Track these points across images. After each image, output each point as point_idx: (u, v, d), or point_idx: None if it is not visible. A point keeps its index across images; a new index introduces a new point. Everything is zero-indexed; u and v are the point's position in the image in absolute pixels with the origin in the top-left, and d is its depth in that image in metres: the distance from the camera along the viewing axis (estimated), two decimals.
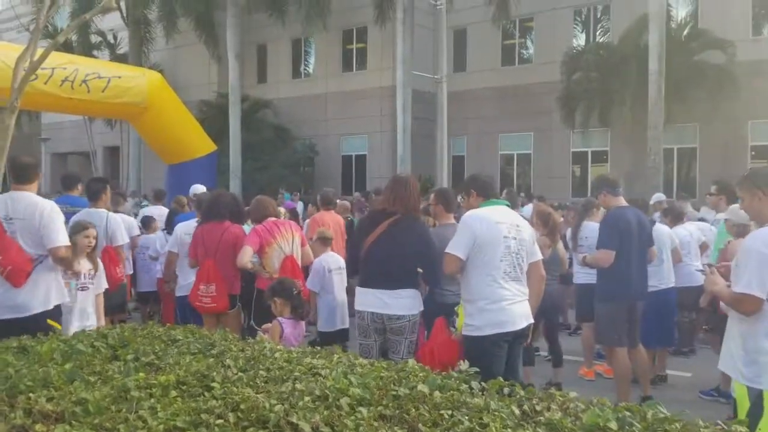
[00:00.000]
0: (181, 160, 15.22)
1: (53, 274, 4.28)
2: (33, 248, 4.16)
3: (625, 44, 18.82)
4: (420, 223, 4.83)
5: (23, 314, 4.13)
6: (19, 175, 4.23)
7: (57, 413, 1.93)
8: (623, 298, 5.47)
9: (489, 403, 2.02)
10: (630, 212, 5.56)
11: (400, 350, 4.51)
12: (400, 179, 4.81)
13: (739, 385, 3.34)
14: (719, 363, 3.56)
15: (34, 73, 3.78)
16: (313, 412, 1.90)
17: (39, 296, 4.18)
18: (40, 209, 4.18)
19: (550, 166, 22.15)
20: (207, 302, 5.71)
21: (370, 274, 4.60)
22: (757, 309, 3.20)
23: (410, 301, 4.54)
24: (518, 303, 4.16)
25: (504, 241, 4.09)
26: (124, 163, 28.59)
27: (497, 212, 4.21)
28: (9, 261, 4.06)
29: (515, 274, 4.16)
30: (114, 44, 27.78)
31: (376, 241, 4.54)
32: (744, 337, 3.30)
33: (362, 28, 24.06)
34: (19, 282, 4.11)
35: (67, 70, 12.52)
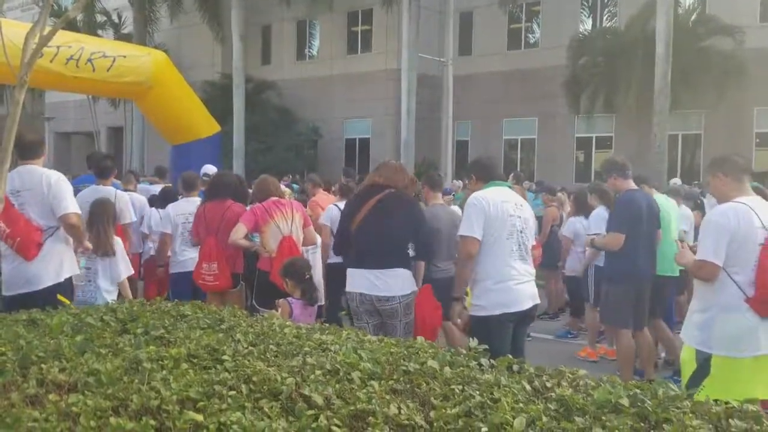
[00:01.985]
0: (185, 140, 15.16)
1: (64, 246, 4.29)
2: (42, 219, 4.19)
3: (631, 30, 18.70)
4: (409, 198, 4.69)
5: (36, 287, 4.15)
6: (25, 152, 4.23)
7: (69, 383, 1.94)
8: (632, 279, 5.48)
9: (499, 379, 2.03)
10: (640, 195, 5.61)
11: (396, 333, 4.28)
12: (387, 162, 4.75)
13: (689, 348, 3.63)
14: (682, 330, 3.81)
15: (42, 49, 3.75)
16: (325, 385, 1.91)
17: (51, 269, 4.20)
18: (47, 178, 4.20)
19: (554, 152, 22.10)
20: (210, 280, 5.72)
21: (358, 254, 4.46)
22: (714, 275, 3.51)
23: (401, 281, 4.36)
24: (525, 283, 4.17)
25: (510, 219, 4.13)
26: (127, 143, 28.55)
27: (500, 192, 4.25)
28: (18, 233, 4.08)
29: (521, 253, 4.17)
30: (118, 24, 27.67)
31: (364, 219, 4.39)
32: (703, 305, 3.60)
33: (368, 10, 23.91)
34: (30, 253, 4.13)
35: (73, 49, 12.43)
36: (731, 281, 3.50)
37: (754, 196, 3.68)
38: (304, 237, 5.77)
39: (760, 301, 3.45)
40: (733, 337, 3.48)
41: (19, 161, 4.23)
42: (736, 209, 3.54)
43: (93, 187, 6.31)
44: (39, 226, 4.16)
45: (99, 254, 4.76)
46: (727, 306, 3.51)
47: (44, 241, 4.16)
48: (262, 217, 5.54)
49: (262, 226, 5.54)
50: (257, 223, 5.54)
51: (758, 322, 3.47)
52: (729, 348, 3.48)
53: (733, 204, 3.58)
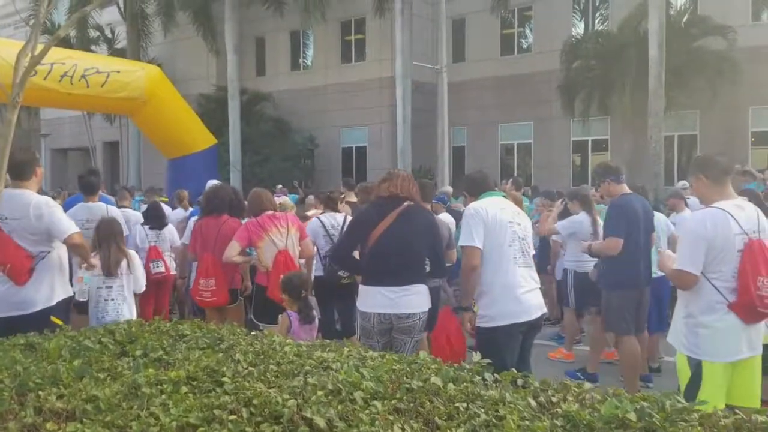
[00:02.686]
0: (181, 154, 15.19)
1: (56, 270, 4.24)
2: (31, 246, 4.11)
3: (624, 32, 18.73)
4: (428, 212, 4.64)
5: (26, 311, 4.09)
6: (15, 173, 4.17)
7: (68, 411, 1.91)
8: (634, 285, 5.46)
9: (504, 395, 2.01)
10: (635, 199, 5.59)
11: (405, 350, 4.11)
12: (398, 173, 4.47)
13: (680, 355, 3.62)
14: (668, 336, 3.81)
15: (35, 66, 3.73)
16: (327, 406, 1.88)
17: (42, 293, 4.14)
18: (36, 209, 4.10)
19: (551, 156, 22.11)
20: (207, 296, 5.69)
21: (377, 271, 4.16)
22: (691, 284, 3.52)
23: (421, 298, 4.18)
24: (532, 291, 4.12)
25: (510, 226, 4.10)
26: (124, 158, 28.51)
27: (495, 202, 4.24)
28: (7, 259, 4.03)
29: (524, 260, 4.13)
30: (112, 39, 27.64)
31: (385, 233, 4.11)
32: (688, 311, 3.59)
33: (360, 19, 23.95)
34: (20, 280, 4.07)
35: (66, 66, 12.46)
36: (712, 287, 3.49)
37: (735, 198, 3.66)
38: (300, 250, 5.73)
39: (742, 307, 3.44)
40: (718, 343, 3.48)
41: (10, 181, 4.17)
42: (714, 216, 3.51)
43: (81, 205, 6.24)
44: (29, 252, 4.10)
45: (109, 274, 4.73)
46: (710, 312, 3.50)
47: (35, 266, 4.10)
48: (256, 233, 5.50)
49: (256, 242, 5.50)
50: (251, 239, 5.50)
51: (741, 327, 3.47)
52: (714, 354, 3.48)
53: (710, 210, 3.56)
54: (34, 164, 4.26)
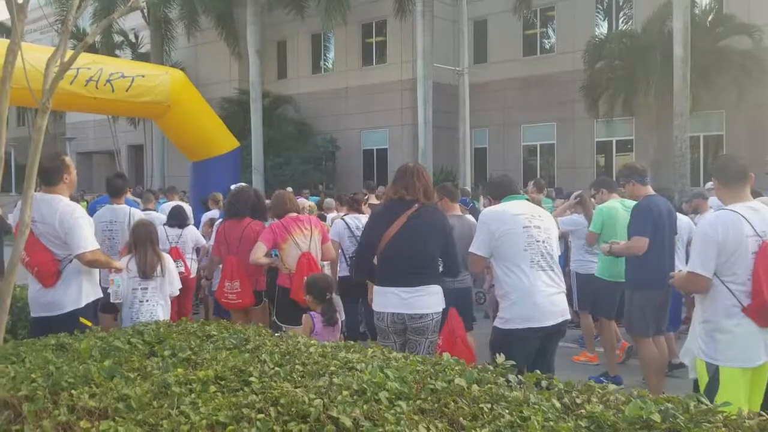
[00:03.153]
0: (204, 157, 15.29)
1: (84, 273, 4.32)
2: (59, 249, 4.19)
3: (648, 32, 18.56)
4: (440, 213, 4.60)
5: (55, 312, 4.18)
6: (43, 179, 4.25)
7: (100, 410, 1.95)
8: (659, 285, 5.41)
9: (528, 396, 2.01)
10: (660, 200, 5.56)
11: (419, 351, 4.12)
12: (409, 168, 4.45)
13: (699, 360, 3.59)
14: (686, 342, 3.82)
15: (64, 73, 3.81)
16: (353, 406, 1.90)
17: (70, 295, 4.22)
18: (60, 215, 4.16)
19: (574, 157, 21.96)
20: (232, 298, 5.75)
21: (390, 271, 4.22)
22: (703, 287, 3.52)
23: (434, 298, 4.23)
24: (552, 296, 4.02)
25: (525, 231, 4.04)
26: (148, 161, 28.88)
27: (514, 205, 4.19)
28: (36, 262, 4.12)
29: (545, 263, 4.05)
30: (136, 43, 28.06)
31: (396, 235, 4.18)
32: (705, 316, 3.58)
33: (381, 21, 24.01)
34: (48, 282, 4.16)
35: (92, 70, 12.60)
36: (727, 290, 3.47)
37: (751, 200, 3.63)
38: (322, 253, 5.78)
39: (756, 311, 3.40)
40: (736, 348, 3.45)
41: (42, 188, 4.26)
42: (725, 219, 3.49)
43: (108, 207, 6.38)
44: (57, 255, 4.18)
45: (144, 276, 4.81)
46: (727, 316, 3.47)
47: (63, 269, 4.18)
48: (281, 235, 5.56)
49: (281, 244, 5.56)
50: (276, 241, 5.56)
51: (758, 331, 3.43)
52: (732, 359, 3.45)
53: (722, 213, 3.56)
54: (62, 171, 4.31)
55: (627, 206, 6.12)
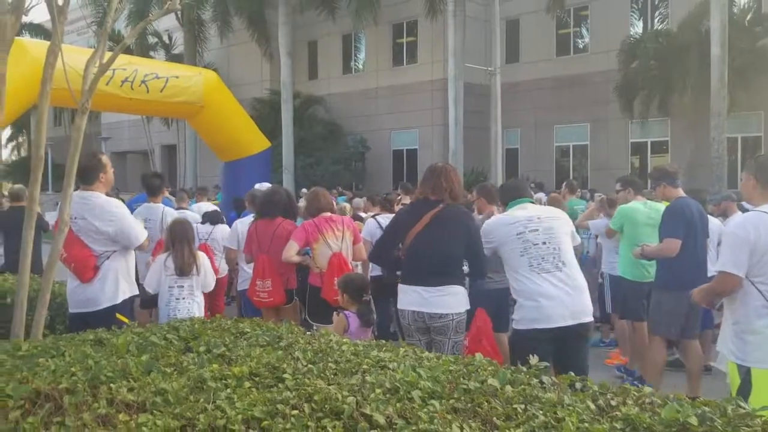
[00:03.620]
0: (236, 157, 15.47)
1: (121, 269, 4.41)
2: (97, 245, 4.29)
3: (685, 31, 18.26)
4: (466, 213, 4.57)
5: (92, 308, 4.27)
6: (80, 177, 4.35)
7: (138, 403, 1.99)
8: (688, 288, 5.33)
9: (562, 397, 2.00)
10: (692, 202, 5.50)
11: (443, 351, 4.12)
12: (437, 167, 4.49)
13: (731, 363, 3.56)
14: (717, 344, 3.80)
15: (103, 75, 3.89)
16: (386, 404, 1.91)
17: (107, 291, 4.31)
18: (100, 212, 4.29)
19: (608, 158, 21.68)
20: (264, 297, 5.79)
21: (413, 271, 4.29)
22: (733, 286, 3.49)
23: (456, 299, 4.24)
24: (561, 298, 3.99)
25: (519, 237, 4.09)
26: (180, 160, 29.30)
27: (510, 213, 4.29)
28: (73, 258, 4.21)
29: (548, 264, 4.04)
30: (169, 45, 28.47)
31: (419, 235, 4.23)
32: (735, 318, 3.56)
33: (412, 21, 24.01)
34: (85, 277, 4.26)
35: (127, 71, 12.84)
36: (757, 291, 3.44)
37: None
38: (353, 253, 5.81)
39: None
40: (765, 348, 3.42)
41: (80, 186, 4.36)
42: (756, 220, 3.47)
43: (145, 205, 6.55)
44: (94, 251, 4.27)
45: (181, 273, 4.88)
46: (758, 317, 3.44)
47: (100, 265, 4.27)
48: (313, 234, 5.60)
49: (312, 243, 5.60)
50: (308, 240, 5.60)
51: None
52: (763, 359, 3.42)
53: (752, 214, 3.55)
54: (99, 170, 4.42)
55: (650, 208, 6.13)
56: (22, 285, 3.52)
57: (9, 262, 7.14)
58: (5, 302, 4.56)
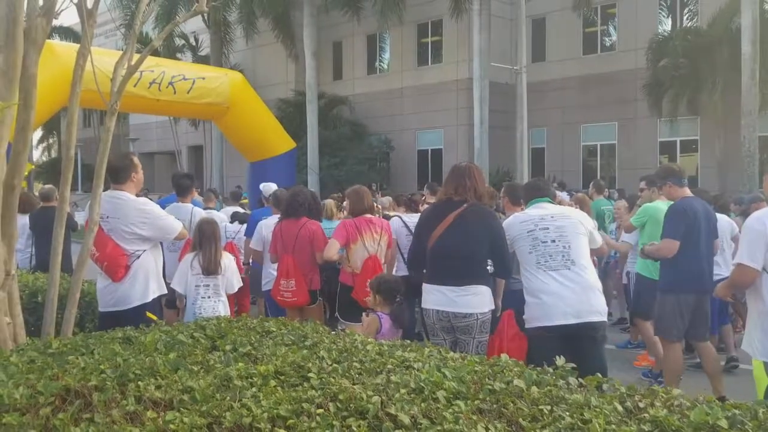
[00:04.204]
0: (262, 157, 15.58)
1: (151, 268, 4.46)
2: (127, 244, 4.35)
3: (715, 28, 17.99)
4: (489, 213, 4.55)
5: (123, 307, 4.34)
6: (112, 177, 4.43)
7: (165, 401, 2.01)
8: (691, 289, 5.26)
9: (589, 399, 1.98)
10: (697, 203, 5.40)
11: (468, 350, 4.14)
12: (461, 167, 4.47)
13: (757, 362, 3.54)
14: (742, 344, 3.78)
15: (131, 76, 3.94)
16: (411, 404, 1.91)
17: (137, 290, 4.37)
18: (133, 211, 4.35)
19: (636, 158, 21.40)
20: (288, 296, 5.82)
21: (436, 270, 4.31)
22: (750, 278, 3.52)
23: (479, 299, 4.22)
24: (564, 296, 4.00)
25: (529, 234, 4.21)
26: (207, 161, 29.59)
27: (526, 212, 4.42)
28: (104, 257, 4.27)
29: (555, 263, 4.09)
30: (196, 46, 28.78)
31: (442, 235, 4.24)
32: (760, 316, 3.53)
33: (437, 20, 23.95)
34: (117, 276, 4.32)
35: (155, 73, 13.00)
36: None
37: None
38: (386, 257, 5.86)
39: None
40: None
41: (111, 186, 4.43)
42: None
43: (174, 205, 6.61)
44: (125, 250, 4.33)
45: (208, 273, 4.92)
46: None
47: (131, 264, 4.33)
48: (353, 234, 5.63)
49: (350, 244, 5.64)
50: (348, 239, 5.63)
51: None
52: None
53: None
54: (130, 169, 4.49)
55: None
56: (52, 284, 3.59)
57: (40, 262, 7.27)
58: (36, 301, 4.64)
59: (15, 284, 3.42)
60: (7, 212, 3.30)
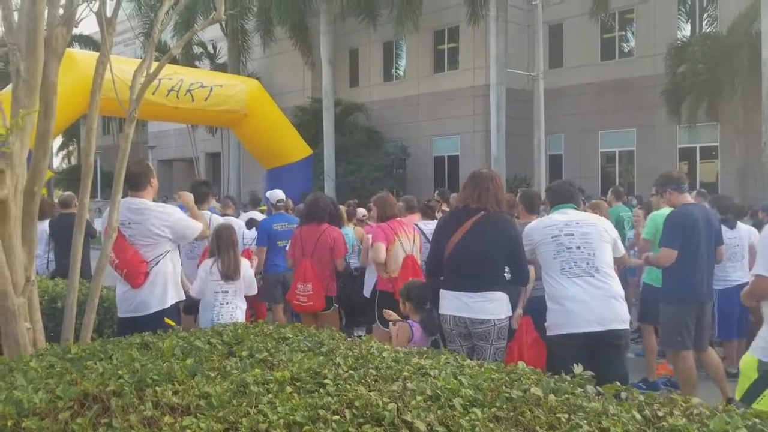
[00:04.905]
0: (279, 164, 15.70)
1: (170, 274, 4.50)
2: (147, 251, 4.39)
3: (734, 33, 17.81)
4: (507, 220, 4.52)
5: (142, 313, 4.37)
6: (131, 183, 4.47)
7: (182, 406, 2.02)
8: (692, 299, 5.21)
9: (607, 407, 1.96)
10: (696, 209, 5.34)
11: (485, 357, 4.16)
12: (480, 174, 4.48)
13: (751, 358, 3.48)
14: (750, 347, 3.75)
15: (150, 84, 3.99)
16: (427, 411, 1.90)
17: (156, 296, 4.41)
18: (155, 217, 4.40)
19: (655, 164, 21.13)
20: (304, 301, 5.84)
21: (453, 277, 4.30)
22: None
23: (496, 305, 4.21)
24: (588, 303, 3.97)
25: (554, 240, 4.18)
26: (224, 168, 29.78)
27: (551, 217, 4.37)
28: (125, 264, 4.31)
29: (580, 270, 4.05)
30: (214, 54, 29.02)
31: (460, 241, 4.24)
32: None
33: (454, 27, 23.95)
34: (136, 283, 4.36)
35: (173, 81, 13.15)
36: None
37: None
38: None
39: None
40: None
41: (129, 192, 4.47)
42: None
43: None
44: (144, 257, 4.37)
45: (227, 278, 4.95)
46: None
47: (150, 270, 4.37)
48: (391, 236, 5.70)
49: (389, 245, 5.68)
50: (388, 241, 5.69)
51: None
52: None
53: None
54: (149, 175, 4.55)
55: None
56: (71, 289, 3.62)
57: (59, 268, 7.35)
58: (56, 306, 4.69)
59: (35, 290, 3.46)
60: (28, 218, 3.34)
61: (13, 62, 3.22)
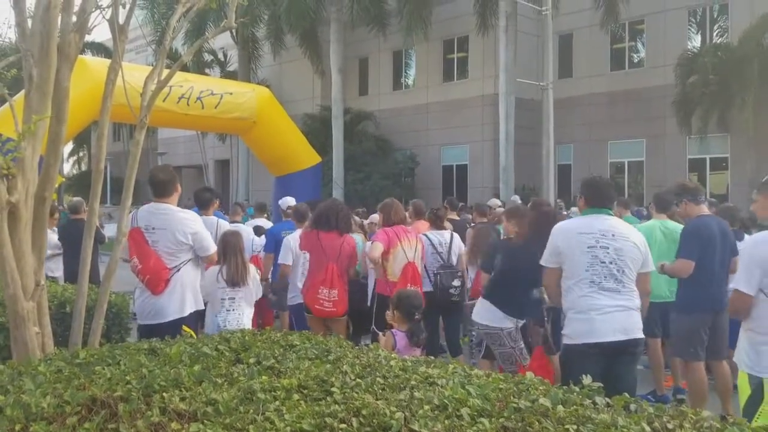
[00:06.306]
0: (288, 172, 15.71)
1: (189, 282, 4.51)
2: (170, 257, 4.43)
3: (745, 44, 17.75)
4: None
5: (160, 320, 4.39)
6: (158, 190, 4.50)
7: (189, 412, 2.02)
8: (707, 308, 5.18)
9: (616, 419, 1.94)
10: (713, 221, 5.31)
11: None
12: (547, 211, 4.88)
13: (742, 373, 3.60)
14: (734, 355, 3.84)
15: (161, 91, 4.00)
16: (434, 421, 1.89)
17: (176, 303, 4.43)
18: (182, 223, 4.47)
19: (665, 175, 21.09)
20: (328, 306, 5.72)
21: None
22: (744, 304, 3.54)
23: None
24: (613, 314, 3.95)
25: (590, 251, 3.99)
26: (233, 175, 29.87)
27: (587, 222, 4.12)
28: (147, 270, 4.33)
29: (609, 284, 3.98)
30: (224, 62, 29.18)
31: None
32: (750, 328, 3.59)
33: (463, 37, 23.99)
34: (157, 289, 4.39)
35: (183, 88, 13.18)
36: None
37: None
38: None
39: None
40: None
41: (153, 199, 4.50)
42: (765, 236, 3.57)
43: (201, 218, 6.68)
44: (167, 263, 4.39)
45: (233, 284, 4.93)
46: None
47: (171, 277, 4.39)
48: (393, 240, 5.69)
49: (390, 249, 5.67)
50: (389, 244, 5.67)
51: None
52: None
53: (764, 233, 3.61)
54: (175, 182, 4.63)
55: (666, 228, 6.08)
56: (80, 295, 3.63)
57: (68, 273, 7.38)
58: (64, 311, 4.70)
59: (44, 295, 3.47)
60: (38, 223, 3.35)
61: (26, 68, 3.25)
